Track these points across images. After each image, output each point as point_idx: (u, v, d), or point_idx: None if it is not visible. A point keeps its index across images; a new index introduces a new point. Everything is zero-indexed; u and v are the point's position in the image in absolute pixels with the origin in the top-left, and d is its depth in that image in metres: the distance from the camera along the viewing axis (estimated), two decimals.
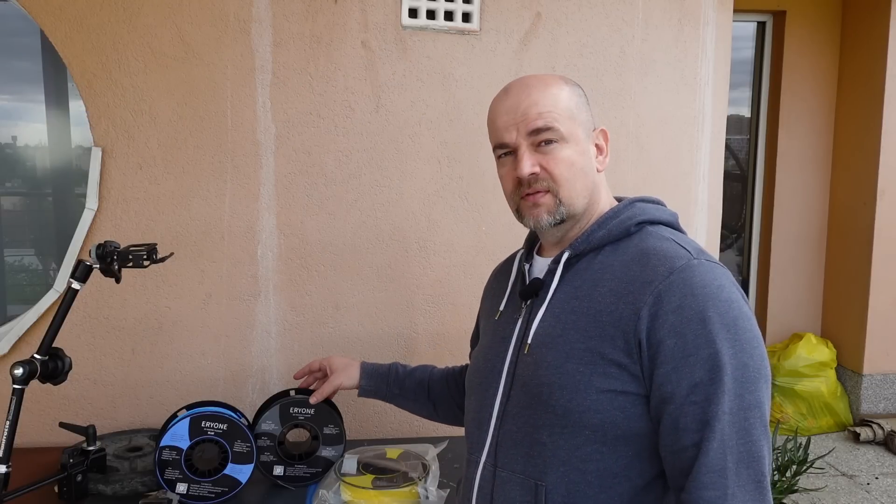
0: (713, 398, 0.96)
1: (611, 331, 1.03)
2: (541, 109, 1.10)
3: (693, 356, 0.97)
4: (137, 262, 1.36)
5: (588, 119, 1.15)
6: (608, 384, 1.02)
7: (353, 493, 1.47)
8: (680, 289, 1.00)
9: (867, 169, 3.89)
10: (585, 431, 1.03)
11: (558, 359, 1.06)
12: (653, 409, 1.01)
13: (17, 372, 1.26)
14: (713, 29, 2.10)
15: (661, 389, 0.99)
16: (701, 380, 0.97)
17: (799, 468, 3.05)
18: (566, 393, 1.04)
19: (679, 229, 1.17)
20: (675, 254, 1.04)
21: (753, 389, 0.98)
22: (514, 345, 1.15)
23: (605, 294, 1.06)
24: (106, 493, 1.54)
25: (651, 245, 1.08)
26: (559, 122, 1.10)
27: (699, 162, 2.13)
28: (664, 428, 1.00)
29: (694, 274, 1.01)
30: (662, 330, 0.99)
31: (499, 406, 1.14)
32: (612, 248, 1.11)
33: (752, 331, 1.00)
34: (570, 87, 1.15)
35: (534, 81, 1.14)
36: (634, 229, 1.12)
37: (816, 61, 4.13)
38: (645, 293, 1.01)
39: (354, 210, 1.97)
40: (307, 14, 1.90)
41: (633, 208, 1.14)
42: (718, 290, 1.00)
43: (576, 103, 1.13)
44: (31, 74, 1.95)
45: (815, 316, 4.30)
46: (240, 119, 1.89)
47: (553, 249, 1.19)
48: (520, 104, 1.12)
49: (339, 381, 1.56)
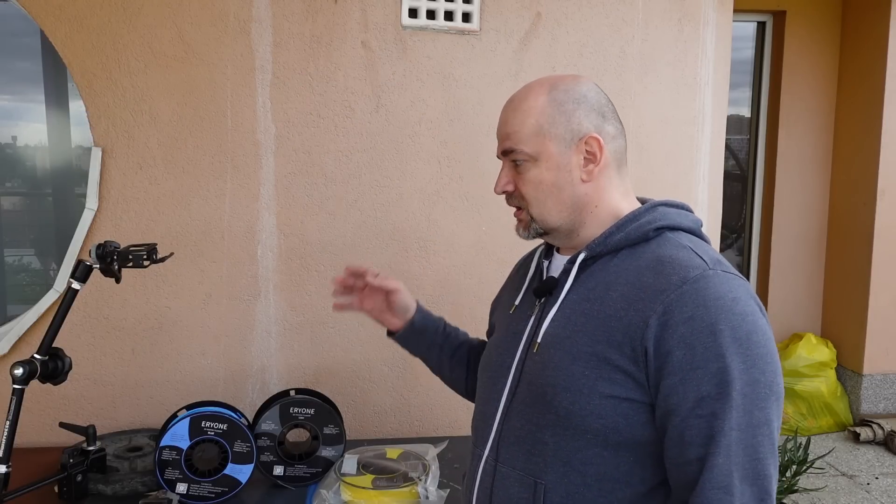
0: (720, 413, 0.95)
1: (619, 337, 1.02)
2: (508, 130, 1.12)
3: (701, 369, 0.96)
4: (137, 262, 1.36)
5: (570, 128, 1.10)
6: (612, 390, 1.02)
7: (353, 493, 1.47)
8: (692, 299, 0.98)
9: (867, 169, 3.89)
10: (587, 435, 1.03)
11: (565, 360, 1.06)
12: (658, 420, 1.01)
13: (17, 372, 1.26)
14: (713, 29, 2.10)
15: (667, 401, 0.98)
16: (708, 393, 0.95)
17: (799, 468, 3.05)
18: (570, 395, 1.04)
19: (700, 236, 1.15)
20: (691, 263, 1.02)
21: (763, 406, 0.96)
22: (525, 342, 1.15)
23: (616, 299, 1.05)
24: (106, 493, 1.54)
25: (667, 253, 1.06)
26: (523, 143, 1.10)
27: (699, 162, 2.12)
28: (669, 440, 0.99)
29: (708, 285, 0.99)
30: (672, 340, 0.98)
31: (504, 402, 1.15)
32: (629, 251, 1.10)
33: (765, 346, 0.98)
34: (551, 95, 1.11)
35: (517, 95, 1.15)
36: (653, 234, 1.10)
37: (816, 61, 4.13)
38: (655, 302, 1.00)
39: (354, 210, 1.97)
40: (307, 14, 1.90)
41: (654, 212, 1.12)
42: (733, 303, 0.98)
43: (550, 115, 1.10)
44: (32, 75, 1.95)
45: (815, 316, 4.30)
46: (240, 119, 1.89)
47: (569, 250, 1.19)
48: (500, 120, 1.15)
49: (402, 291, 1.42)
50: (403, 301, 1.44)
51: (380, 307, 1.45)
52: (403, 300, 1.44)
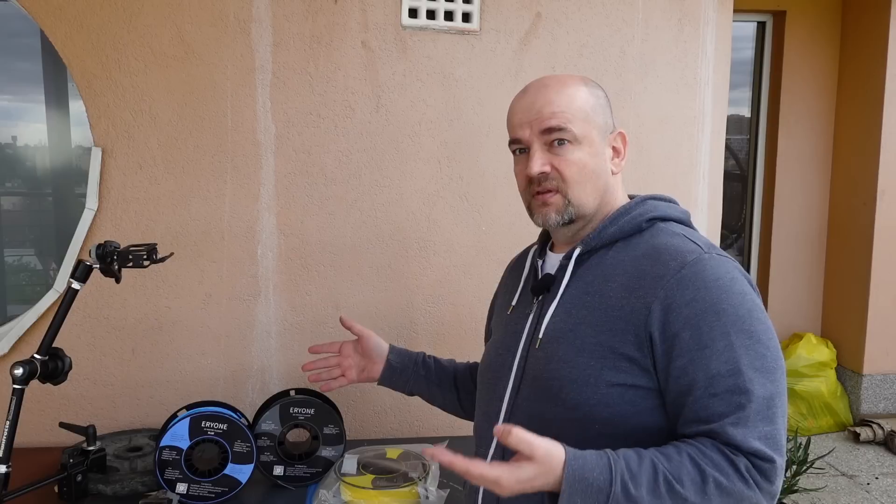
0: (733, 388, 0.97)
1: (621, 325, 1.04)
2: (554, 109, 1.11)
3: (709, 348, 0.98)
4: (137, 262, 1.36)
5: (606, 121, 1.15)
6: (619, 378, 1.03)
7: (353, 493, 1.47)
8: (692, 282, 1.01)
9: (867, 169, 3.89)
10: (595, 425, 1.04)
11: (569, 353, 1.07)
12: (670, 404, 1.02)
13: (17, 372, 1.26)
14: (713, 29, 2.10)
15: (679, 382, 1.00)
16: (718, 371, 0.98)
17: (799, 468, 3.05)
18: (577, 387, 1.05)
19: (690, 226, 1.18)
20: (686, 248, 1.06)
21: (773, 379, 0.99)
22: (526, 340, 1.16)
23: (615, 289, 1.07)
24: (106, 493, 1.54)
25: (662, 241, 1.09)
26: (572, 123, 1.11)
27: (699, 162, 2.13)
28: (684, 420, 1.01)
29: (706, 267, 1.02)
30: (677, 323, 1.00)
31: (508, 400, 1.15)
32: (624, 244, 1.12)
33: (765, 322, 1.02)
34: (589, 88, 1.15)
35: (552, 81, 1.15)
36: (646, 225, 1.13)
37: (816, 61, 4.13)
38: (656, 288, 1.02)
39: (354, 210, 1.97)
40: (307, 14, 1.90)
41: (644, 205, 1.15)
42: (731, 283, 1.02)
43: (592, 105, 1.14)
44: (32, 75, 1.95)
45: (815, 316, 4.30)
46: (240, 119, 1.89)
47: (565, 246, 1.20)
48: (535, 102, 1.13)
49: (371, 335, 1.46)
50: (375, 343, 1.47)
51: (359, 365, 1.48)
52: (375, 343, 1.47)
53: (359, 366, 1.49)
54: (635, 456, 0.96)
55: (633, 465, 0.95)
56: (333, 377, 1.48)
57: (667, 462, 0.95)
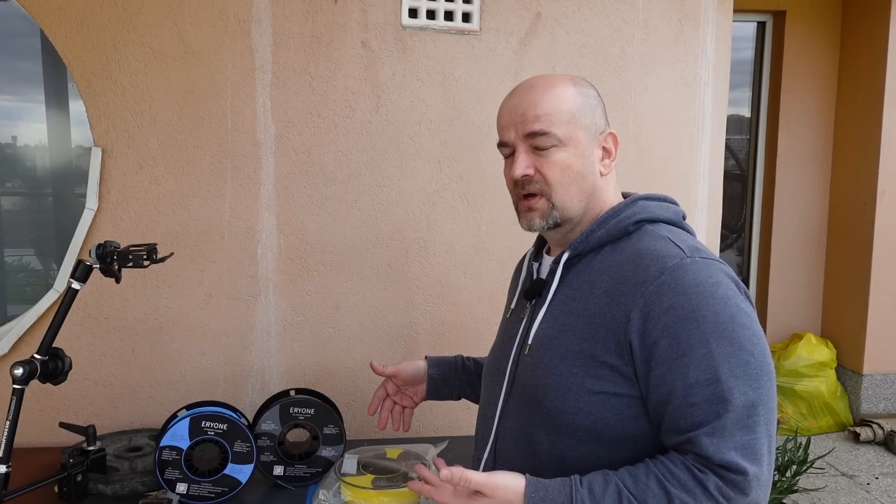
0: (711, 398, 0.95)
1: (603, 333, 1.03)
2: (538, 112, 1.09)
3: (687, 356, 0.96)
4: (137, 262, 1.36)
5: (595, 122, 1.13)
6: (600, 386, 1.02)
7: (353, 493, 1.47)
8: (671, 288, 0.99)
9: (867, 169, 3.89)
10: (579, 433, 1.03)
11: (554, 360, 1.06)
12: (651, 412, 1.01)
13: (17, 372, 1.26)
14: (713, 29, 2.10)
15: (658, 391, 0.99)
16: (696, 380, 0.96)
17: (799, 468, 3.04)
18: (559, 394, 1.04)
19: (681, 226, 1.15)
20: (668, 253, 1.03)
21: (757, 387, 0.96)
22: (517, 345, 1.16)
23: (599, 296, 1.05)
24: (106, 493, 1.53)
25: (645, 245, 1.07)
26: (556, 126, 1.09)
27: (699, 162, 2.13)
28: (664, 430, 1.00)
29: (686, 273, 1.00)
30: (655, 331, 0.98)
31: (501, 404, 1.15)
32: (612, 247, 1.10)
33: (750, 327, 0.98)
34: (577, 88, 1.13)
35: (540, 82, 1.13)
36: (633, 228, 1.11)
37: (816, 61, 4.13)
38: (636, 295, 1.01)
39: (354, 210, 1.97)
40: (307, 14, 1.90)
41: (633, 207, 1.13)
42: (714, 288, 0.99)
43: (580, 105, 1.12)
44: (32, 75, 1.95)
45: (815, 316, 4.30)
46: (240, 119, 1.89)
47: (558, 248, 1.19)
48: (520, 105, 1.12)
49: (401, 368, 1.48)
50: (412, 371, 1.48)
51: (408, 392, 1.52)
52: (410, 371, 1.48)
53: (408, 393, 1.52)
54: (602, 480, 0.97)
55: (598, 490, 0.96)
56: (404, 415, 1.54)
57: (633, 485, 0.95)
